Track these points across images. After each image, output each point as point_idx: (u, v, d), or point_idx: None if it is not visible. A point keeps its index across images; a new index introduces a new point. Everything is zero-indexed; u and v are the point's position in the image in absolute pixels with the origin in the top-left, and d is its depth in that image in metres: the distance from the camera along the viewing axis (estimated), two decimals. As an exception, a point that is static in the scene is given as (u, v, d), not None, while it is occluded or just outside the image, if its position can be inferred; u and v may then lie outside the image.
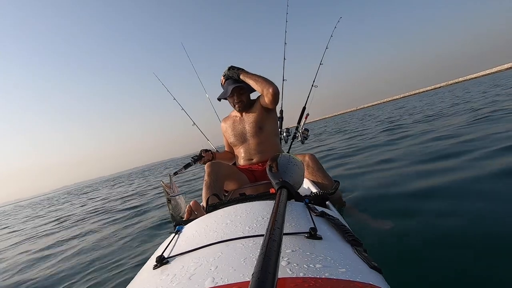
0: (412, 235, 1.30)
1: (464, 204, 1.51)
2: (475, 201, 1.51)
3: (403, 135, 4.73)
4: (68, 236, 3.54)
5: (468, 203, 1.51)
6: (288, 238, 0.55)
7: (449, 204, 1.55)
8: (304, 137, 2.31)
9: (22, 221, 7.86)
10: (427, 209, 1.54)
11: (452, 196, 1.65)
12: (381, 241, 1.28)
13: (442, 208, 1.52)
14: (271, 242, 0.40)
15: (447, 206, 1.53)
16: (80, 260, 2.32)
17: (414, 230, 1.35)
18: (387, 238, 1.31)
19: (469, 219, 1.32)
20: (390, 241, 1.28)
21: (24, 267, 2.61)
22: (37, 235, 4.37)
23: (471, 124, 4.04)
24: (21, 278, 2.30)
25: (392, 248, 1.21)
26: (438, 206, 1.56)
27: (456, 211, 1.44)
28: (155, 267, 0.57)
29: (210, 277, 0.44)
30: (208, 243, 0.58)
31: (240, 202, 0.87)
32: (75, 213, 6.32)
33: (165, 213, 3.26)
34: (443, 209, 1.50)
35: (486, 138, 2.90)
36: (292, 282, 0.40)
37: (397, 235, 1.32)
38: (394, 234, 1.34)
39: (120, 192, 9.31)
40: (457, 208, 1.47)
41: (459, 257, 1.05)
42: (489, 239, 1.12)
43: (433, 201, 1.64)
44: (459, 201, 1.56)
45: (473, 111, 5.55)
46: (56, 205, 11.91)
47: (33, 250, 3.28)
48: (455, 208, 1.48)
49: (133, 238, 2.59)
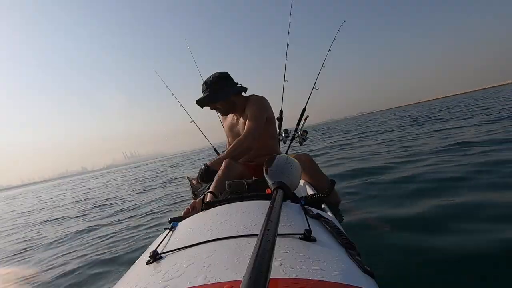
0: (406, 239, 1.30)
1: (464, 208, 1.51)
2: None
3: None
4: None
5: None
6: (282, 239, 0.55)
7: (447, 207, 1.56)
8: (303, 139, 2.31)
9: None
10: (425, 213, 1.55)
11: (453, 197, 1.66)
12: (375, 245, 1.28)
13: (439, 211, 1.53)
14: (264, 242, 0.40)
15: (443, 209, 1.54)
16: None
17: (408, 235, 1.35)
18: (381, 242, 1.31)
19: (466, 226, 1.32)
20: (383, 245, 1.28)
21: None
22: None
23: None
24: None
25: (385, 252, 1.21)
26: (434, 209, 1.56)
27: (454, 215, 1.45)
28: (148, 262, 0.57)
29: (203, 275, 0.44)
30: (202, 240, 0.58)
31: (236, 201, 0.87)
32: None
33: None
34: (440, 213, 1.51)
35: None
36: (284, 283, 0.40)
37: (391, 240, 1.32)
38: (388, 238, 1.34)
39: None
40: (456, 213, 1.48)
41: (456, 264, 1.06)
42: (489, 245, 1.13)
43: (430, 204, 1.64)
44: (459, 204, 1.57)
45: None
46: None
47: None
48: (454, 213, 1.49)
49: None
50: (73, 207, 5.51)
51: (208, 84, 1.69)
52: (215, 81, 1.69)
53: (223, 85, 1.69)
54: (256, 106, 1.70)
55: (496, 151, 2.71)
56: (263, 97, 1.77)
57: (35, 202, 9.31)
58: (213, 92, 1.68)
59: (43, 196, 11.49)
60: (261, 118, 1.67)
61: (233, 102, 1.75)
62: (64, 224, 3.77)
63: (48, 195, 11.37)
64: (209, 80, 1.70)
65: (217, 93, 1.68)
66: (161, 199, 4.09)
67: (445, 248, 1.16)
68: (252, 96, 1.78)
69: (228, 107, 1.76)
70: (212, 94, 1.68)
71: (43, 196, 11.49)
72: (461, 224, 1.36)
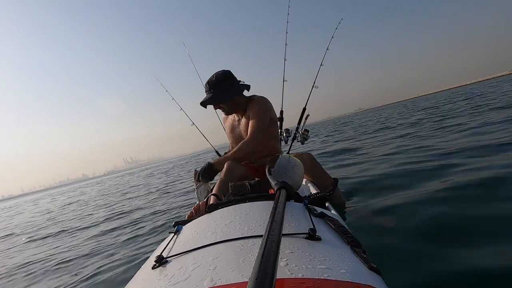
0: (412, 236, 1.30)
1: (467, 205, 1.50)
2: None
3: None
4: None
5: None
6: (287, 239, 0.55)
7: (452, 204, 1.55)
8: (304, 138, 2.31)
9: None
10: (428, 209, 1.54)
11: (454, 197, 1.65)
12: (380, 242, 1.28)
13: (444, 208, 1.52)
14: (269, 243, 0.40)
15: (450, 206, 1.53)
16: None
17: (413, 231, 1.34)
18: (386, 239, 1.31)
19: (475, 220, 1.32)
20: (389, 242, 1.28)
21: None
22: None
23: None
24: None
25: (391, 250, 1.21)
26: (440, 206, 1.55)
27: (459, 211, 1.44)
28: (154, 267, 0.57)
29: (209, 277, 0.44)
30: (207, 243, 0.58)
31: (239, 202, 0.87)
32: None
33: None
34: (445, 210, 1.50)
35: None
36: (291, 283, 0.40)
37: (397, 236, 1.31)
38: (394, 235, 1.34)
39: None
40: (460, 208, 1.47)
41: (459, 258, 1.05)
42: (494, 240, 1.12)
43: (433, 200, 1.63)
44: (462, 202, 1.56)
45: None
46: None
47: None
48: (458, 208, 1.48)
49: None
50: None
51: (211, 85, 1.65)
52: (218, 81, 1.65)
53: (226, 86, 1.66)
54: (259, 108, 1.67)
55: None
56: (265, 98, 1.74)
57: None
58: (217, 93, 1.65)
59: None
60: (264, 120, 1.65)
61: (236, 102, 1.72)
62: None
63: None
64: (212, 80, 1.66)
65: (220, 94, 1.65)
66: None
67: (451, 246, 1.15)
68: (254, 97, 1.75)
69: (232, 108, 1.74)
70: (215, 96, 1.65)
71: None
72: (475, 230, 1.26)
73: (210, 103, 1.68)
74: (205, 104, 1.70)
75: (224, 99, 1.67)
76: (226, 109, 1.73)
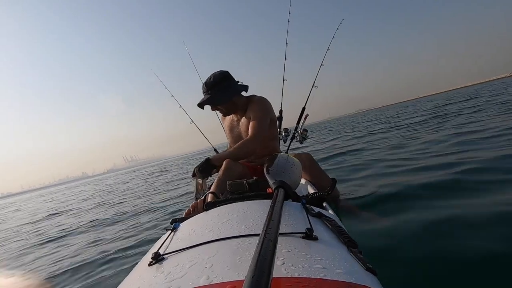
0: (408, 237, 1.30)
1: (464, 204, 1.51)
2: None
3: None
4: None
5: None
6: (284, 238, 0.55)
7: (448, 205, 1.56)
8: (303, 138, 2.31)
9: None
10: (425, 210, 1.55)
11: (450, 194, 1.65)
12: (377, 243, 1.28)
13: (441, 209, 1.52)
14: (266, 242, 0.40)
15: (446, 207, 1.53)
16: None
17: (409, 232, 1.35)
18: (382, 239, 1.31)
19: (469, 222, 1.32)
20: (385, 242, 1.28)
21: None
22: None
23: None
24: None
25: (388, 250, 1.21)
26: (436, 207, 1.56)
27: (456, 211, 1.44)
28: (151, 264, 0.57)
29: (205, 275, 0.44)
30: (204, 241, 0.58)
31: (237, 201, 0.87)
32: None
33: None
34: (441, 211, 1.50)
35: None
36: (287, 282, 0.40)
37: (393, 237, 1.32)
38: (390, 235, 1.34)
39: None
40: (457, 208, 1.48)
41: (456, 260, 1.06)
42: (490, 242, 1.13)
43: (431, 201, 1.64)
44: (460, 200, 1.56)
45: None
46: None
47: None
48: (455, 209, 1.48)
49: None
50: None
51: (208, 86, 1.63)
52: (215, 83, 1.63)
53: (224, 87, 1.63)
54: (260, 109, 1.66)
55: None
56: (265, 98, 1.73)
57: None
58: (214, 95, 1.63)
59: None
60: (265, 121, 1.64)
61: (234, 103, 1.70)
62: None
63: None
64: (209, 82, 1.63)
65: (218, 95, 1.63)
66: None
67: (448, 246, 1.16)
68: (254, 97, 1.74)
69: (230, 109, 1.72)
70: (213, 97, 1.63)
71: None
72: (471, 225, 1.30)
73: (207, 104, 1.67)
74: (202, 105, 1.69)
75: (222, 101, 1.65)
76: (224, 110, 1.72)
